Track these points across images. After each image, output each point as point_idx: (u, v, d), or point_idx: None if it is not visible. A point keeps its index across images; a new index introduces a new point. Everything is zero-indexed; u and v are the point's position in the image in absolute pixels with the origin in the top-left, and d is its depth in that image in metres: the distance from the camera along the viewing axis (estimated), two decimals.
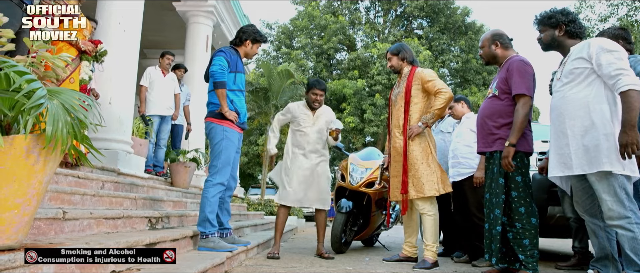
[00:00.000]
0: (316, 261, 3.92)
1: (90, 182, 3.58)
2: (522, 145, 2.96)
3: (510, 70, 3.03)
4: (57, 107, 1.49)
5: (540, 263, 3.54)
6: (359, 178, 4.66)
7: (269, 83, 12.90)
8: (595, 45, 2.52)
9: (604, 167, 2.41)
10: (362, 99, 19.12)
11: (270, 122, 13.45)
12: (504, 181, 2.98)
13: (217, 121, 3.43)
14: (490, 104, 3.17)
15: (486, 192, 3.18)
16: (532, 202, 2.97)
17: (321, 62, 21.12)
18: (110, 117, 4.93)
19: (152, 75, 6.07)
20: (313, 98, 4.26)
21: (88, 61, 3.89)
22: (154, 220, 3.39)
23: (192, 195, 6.07)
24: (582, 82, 2.57)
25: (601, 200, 2.47)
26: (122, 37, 5.12)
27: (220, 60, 3.38)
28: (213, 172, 3.38)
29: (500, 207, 2.97)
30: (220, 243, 3.25)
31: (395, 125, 3.85)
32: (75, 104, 1.57)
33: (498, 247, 2.96)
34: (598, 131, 2.46)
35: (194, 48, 7.98)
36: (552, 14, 2.76)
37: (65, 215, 2.25)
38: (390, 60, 3.99)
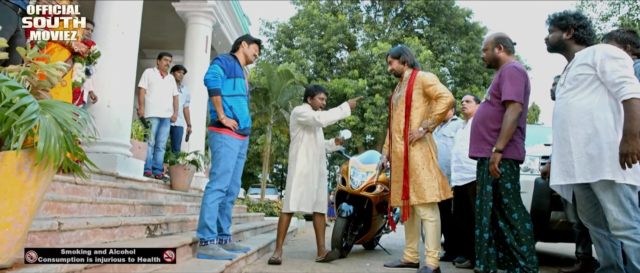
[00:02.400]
0: (317, 267, 3.88)
1: (87, 188, 3.54)
2: (511, 153, 2.96)
3: (502, 76, 3.04)
4: (49, 121, 1.45)
5: (542, 268, 3.51)
6: (360, 182, 4.62)
7: (269, 83, 12.85)
8: (600, 52, 2.47)
9: (606, 175, 2.36)
10: (363, 98, 19.08)
11: (270, 122, 13.42)
12: (491, 188, 2.98)
13: (216, 129, 3.41)
14: (484, 109, 3.17)
15: (477, 198, 3.15)
16: (524, 208, 2.98)
17: (321, 61, 21.07)
18: (109, 120, 4.89)
19: (151, 77, 6.02)
20: (320, 103, 4.24)
21: (81, 63, 3.84)
22: (153, 227, 3.34)
23: (191, 197, 6.04)
24: (586, 88, 2.52)
25: (606, 210, 2.42)
26: (120, 39, 5.07)
27: (214, 68, 3.37)
28: (213, 179, 3.35)
29: (487, 215, 2.97)
30: (219, 250, 3.21)
31: (395, 130, 3.80)
32: (68, 118, 1.52)
33: (486, 254, 2.95)
34: (601, 139, 2.42)
35: (193, 49, 7.92)
36: (564, 15, 2.72)
37: (61, 227, 2.21)
38: (391, 63, 3.94)
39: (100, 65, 4.58)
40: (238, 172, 3.61)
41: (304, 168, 4.08)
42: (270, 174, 26.37)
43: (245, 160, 3.92)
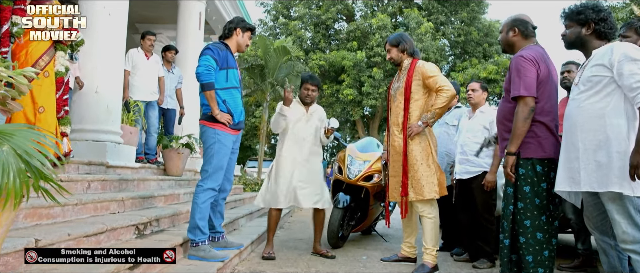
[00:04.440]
0: (312, 261, 3.80)
1: (74, 184, 3.41)
2: (533, 151, 2.67)
3: (510, 69, 2.79)
4: (7, 154, 1.30)
5: None
6: (357, 171, 4.50)
7: (266, 60, 12.55)
8: (618, 52, 2.29)
9: (614, 187, 2.22)
10: (361, 71, 18.80)
11: (266, 99, 13.19)
12: (512, 191, 2.79)
13: (209, 124, 3.24)
14: (501, 105, 2.95)
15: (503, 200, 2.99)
16: (541, 215, 2.69)
17: (319, 33, 20.65)
18: (98, 106, 4.71)
19: (135, 58, 5.76)
20: (305, 93, 4.03)
21: (64, 51, 3.63)
22: (142, 227, 3.24)
23: (186, 182, 5.94)
24: (601, 91, 2.35)
25: (614, 222, 2.30)
26: (107, 21, 4.83)
27: (206, 59, 3.16)
28: (204, 177, 3.21)
29: (508, 220, 2.77)
30: (211, 252, 3.11)
31: (394, 123, 3.65)
32: (30, 148, 1.37)
33: (507, 261, 2.79)
34: (612, 147, 2.26)
35: (186, 25, 7.64)
36: (582, 9, 2.49)
37: (38, 243, 2.09)
38: (390, 52, 3.75)
39: (87, 49, 4.36)
40: (231, 168, 3.47)
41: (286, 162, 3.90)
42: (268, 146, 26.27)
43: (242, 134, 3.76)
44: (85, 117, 4.67)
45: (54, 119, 3.47)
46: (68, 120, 3.70)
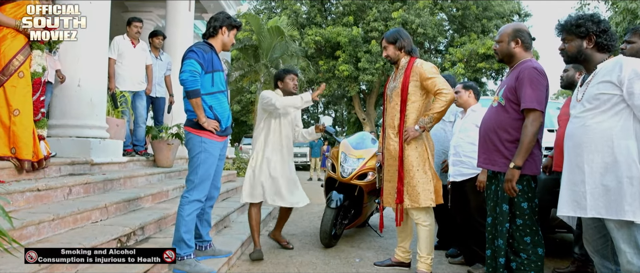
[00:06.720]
0: (303, 266, 3.70)
1: (53, 191, 3.26)
2: (529, 168, 2.63)
3: (520, 78, 2.63)
4: None
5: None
6: (351, 169, 4.37)
7: (259, 40, 12.21)
8: (628, 69, 2.12)
9: (627, 215, 2.10)
10: (357, 47, 18.47)
11: (260, 80, 12.90)
12: (508, 208, 2.68)
13: (195, 131, 3.07)
14: (496, 114, 2.79)
15: (489, 216, 2.88)
16: (539, 230, 2.68)
17: (315, 7, 20.18)
18: (80, 101, 4.51)
19: (121, 46, 5.51)
20: (291, 84, 3.95)
21: (41, 50, 3.42)
22: (125, 238, 3.10)
23: (176, 173, 5.79)
24: (608, 110, 2.20)
25: (619, 251, 2.18)
26: (88, 8, 4.54)
27: (191, 64, 2.94)
28: (190, 188, 3.06)
29: (504, 238, 2.68)
30: (197, 266, 2.98)
31: (389, 125, 3.49)
32: None
33: None
34: (621, 172, 2.12)
35: (175, 8, 7.35)
36: (581, 21, 2.32)
37: None
38: (386, 49, 3.55)
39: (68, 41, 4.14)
40: (218, 173, 3.32)
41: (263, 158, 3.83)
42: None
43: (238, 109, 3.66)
44: (67, 112, 4.48)
45: (30, 122, 3.29)
46: (45, 122, 3.52)
